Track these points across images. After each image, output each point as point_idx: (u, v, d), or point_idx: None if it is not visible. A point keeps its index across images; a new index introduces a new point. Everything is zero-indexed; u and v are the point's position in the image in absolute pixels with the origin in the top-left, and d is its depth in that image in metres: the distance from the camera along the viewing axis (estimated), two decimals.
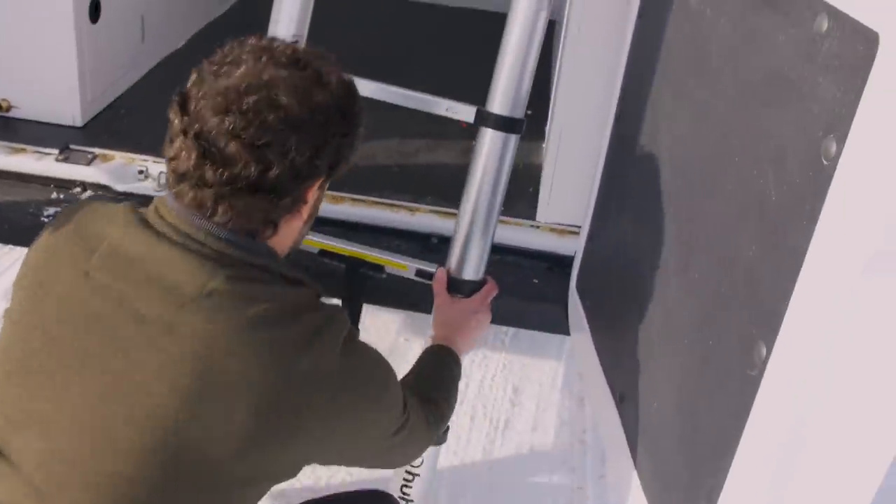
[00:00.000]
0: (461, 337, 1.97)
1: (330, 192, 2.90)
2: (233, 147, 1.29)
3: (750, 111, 1.43)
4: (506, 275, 2.72)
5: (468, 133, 3.38)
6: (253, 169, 1.30)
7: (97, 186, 2.96)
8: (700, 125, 1.63)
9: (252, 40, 1.40)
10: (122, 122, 3.28)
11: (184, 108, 1.34)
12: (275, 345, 1.32)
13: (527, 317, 2.72)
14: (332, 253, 2.16)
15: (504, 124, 2.00)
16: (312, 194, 1.42)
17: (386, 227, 2.85)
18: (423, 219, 2.86)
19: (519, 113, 2.01)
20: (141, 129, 3.19)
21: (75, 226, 1.42)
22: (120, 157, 3.03)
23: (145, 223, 1.38)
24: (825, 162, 1.20)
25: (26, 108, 3.17)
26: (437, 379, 1.85)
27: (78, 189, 2.98)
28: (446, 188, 3.00)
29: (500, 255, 2.78)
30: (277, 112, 1.30)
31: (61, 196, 2.93)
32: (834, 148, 1.18)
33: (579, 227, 2.63)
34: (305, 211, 1.44)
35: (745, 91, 1.46)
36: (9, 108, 3.18)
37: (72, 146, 3.06)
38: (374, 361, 1.50)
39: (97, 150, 3.05)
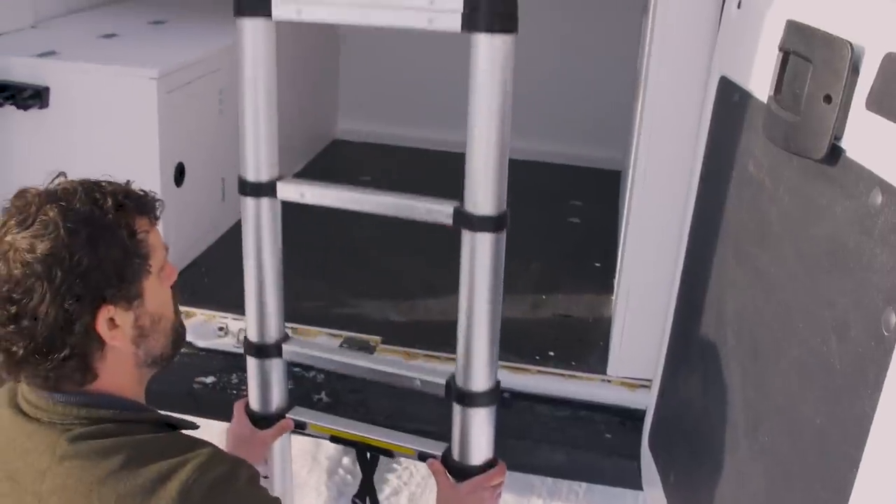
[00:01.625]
0: None
1: (404, 349, 2.97)
2: None
3: (811, 280, 1.47)
4: (578, 429, 2.74)
5: (538, 287, 3.46)
6: (21, 343, 1.43)
7: None
8: (763, 290, 1.67)
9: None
10: (202, 280, 3.40)
11: None
12: (121, 500, 1.38)
13: (600, 471, 2.71)
14: (343, 438, 2.23)
15: None
16: (104, 325, 1.47)
17: None
18: None
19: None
20: (221, 286, 3.30)
21: None
22: (201, 315, 3.14)
23: (14, 400, 1.53)
24: (886, 333, 1.22)
25: None
26: None
27: None
28: (518, 344, 3.04)
29: (572, 410, 2.79)
30: None
31: None
32: (894, 319, 1.21)
33: (651, 381, 2.64)
34: (119, 340, 1.50)
35: (806, 259, 1.50)
36: None
37: None
38: None
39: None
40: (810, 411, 1.43)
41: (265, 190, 2.12)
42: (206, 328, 3.08)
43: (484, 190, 1.90)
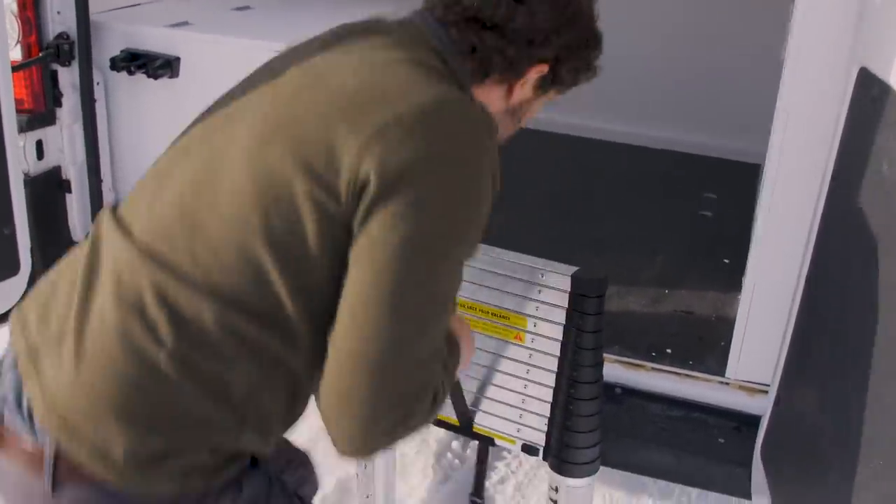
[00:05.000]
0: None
1: None
2: None
3: None
4: (690, 432, 2.62)
5: (661, 282, 3.32)
6: (503, 10, 1.50)
7: None
8: (889, 304, 1.53)
9: None
10: None
11: None
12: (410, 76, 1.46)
13: (710, 478, 2.58)
14: (445, 422, 2.23)
15: None
16: (530, 77, 1.57)
17: None
18: (608, 369, 2.77)
19: None
20: None
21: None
22: None
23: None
24: None
25: None
26: None
27: None
28: (634, 338, 2.95)
29: (686, 411, 2.68)
30: None
31: None
32: None
33: (769, 385, 2.50)
34: (513, 92, 1.59)
35: None
36: None
37: None
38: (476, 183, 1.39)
39: None
40: None
41: None
42: None
43: None
